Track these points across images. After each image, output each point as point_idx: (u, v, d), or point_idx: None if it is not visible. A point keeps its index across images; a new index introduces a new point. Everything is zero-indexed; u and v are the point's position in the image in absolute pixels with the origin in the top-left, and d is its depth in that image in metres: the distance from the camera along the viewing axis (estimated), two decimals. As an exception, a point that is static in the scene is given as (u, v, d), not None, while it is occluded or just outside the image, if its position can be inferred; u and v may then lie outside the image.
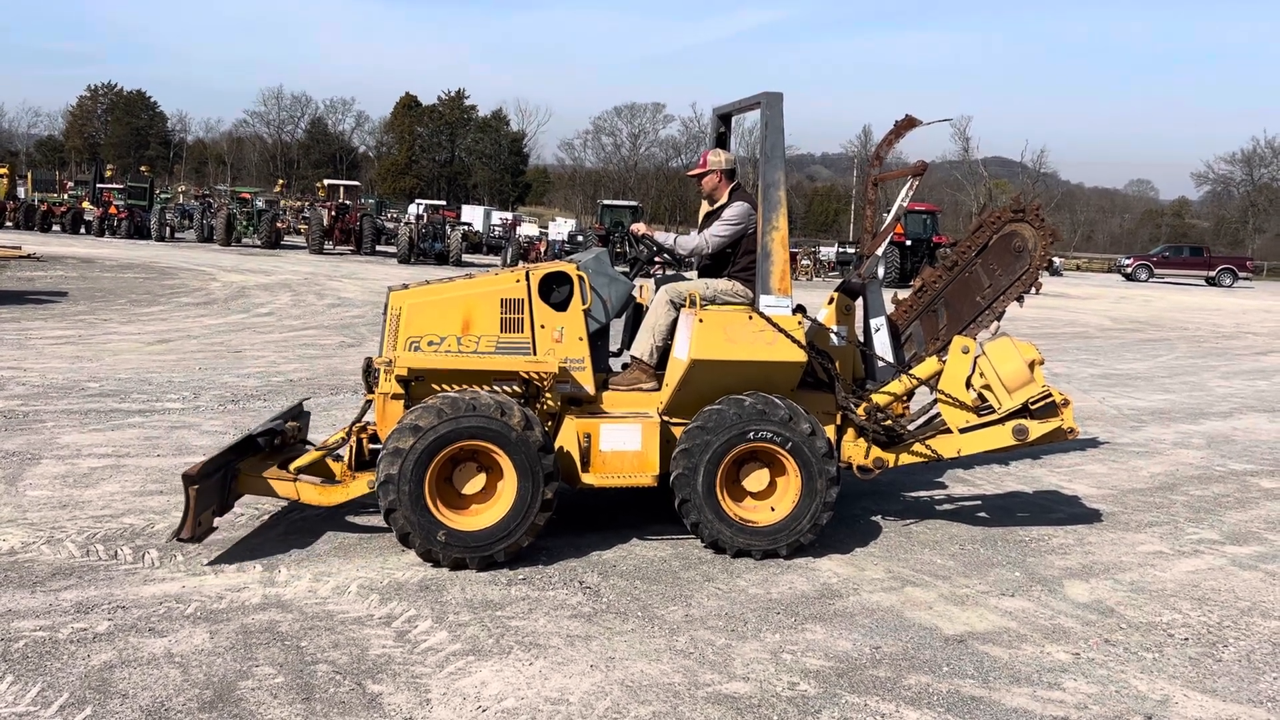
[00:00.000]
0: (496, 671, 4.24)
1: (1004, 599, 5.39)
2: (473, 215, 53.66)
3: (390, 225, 42.85)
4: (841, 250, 44.40)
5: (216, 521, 5.56)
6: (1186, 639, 4.96)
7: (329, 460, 5.92)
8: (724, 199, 6.30)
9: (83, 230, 39.79)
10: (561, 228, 51.94)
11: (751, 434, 5.66)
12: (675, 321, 6.01)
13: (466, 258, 36.00)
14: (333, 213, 37.19)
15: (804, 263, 40.51)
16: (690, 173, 6.65)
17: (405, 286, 5.96)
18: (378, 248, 37.90)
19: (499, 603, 4.98)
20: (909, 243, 37.44)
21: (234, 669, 4.14)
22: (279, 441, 6.04)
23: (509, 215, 56.27)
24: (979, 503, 7.34)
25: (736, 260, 6.18)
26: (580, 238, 41.66)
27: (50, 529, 5.69)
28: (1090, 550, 6.30)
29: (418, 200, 57.02)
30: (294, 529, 5.93)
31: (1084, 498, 7.56)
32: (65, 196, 45.35)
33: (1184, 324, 24.54)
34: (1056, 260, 52.21)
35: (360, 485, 5.67)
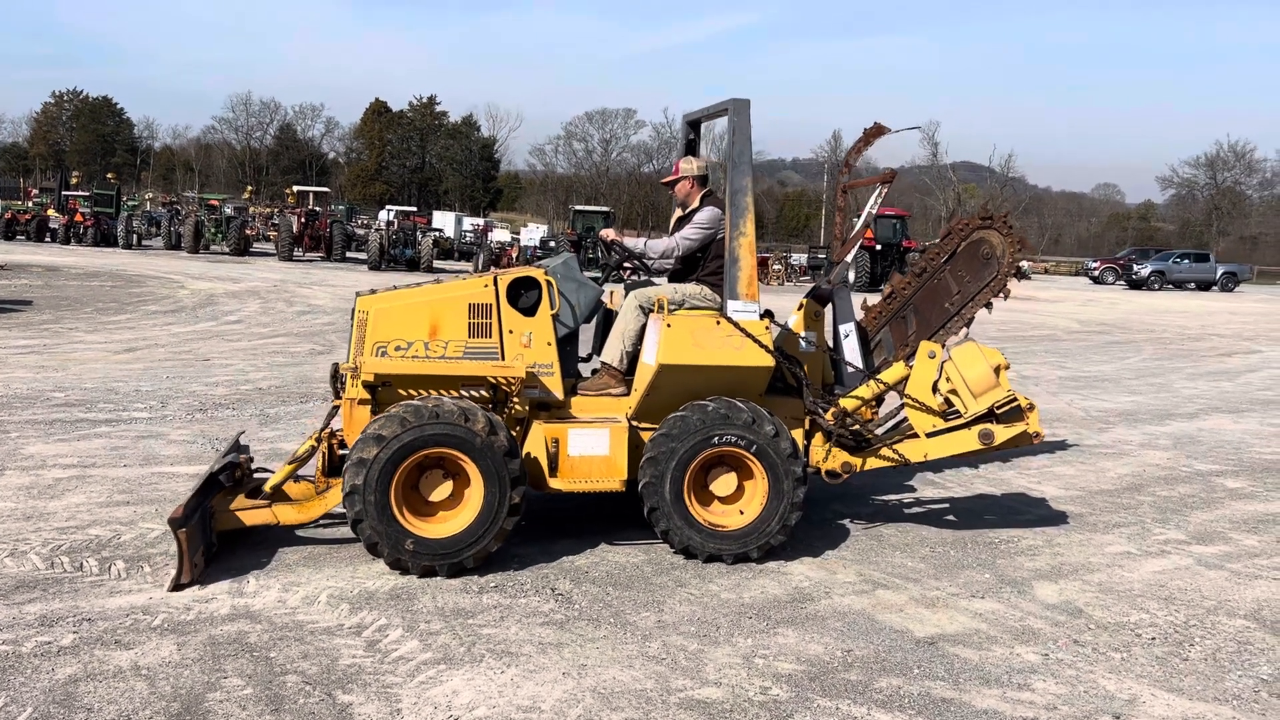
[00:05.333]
0: (468, 680, 4.23)
1: (974, 601, 5.42)
2: (444, 221, 53.41)
3: (360, 232, 42.62)
4: (813, 255, 44.62)
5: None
6: (1154, 638, 5.01)
7: (293, 482, 5.86)
8: (695, 204, 6.32)
9: (48, 238, 39.35)
10: (534, 233, 51.84)
11: (715, 439, 5.67)
12: (644, 326, 6.02)
13: (438, 264, 35.85)
14: (302, 219, 36.95)
15: (775, 268, 40.63)
16: (663, 180, 6.67)
17: (373, 292, 5.93)
18: (348, 254, 37.67)
19: (470, 611, 4.96)
20: (879, 247, 37.70)
21: (202, 681, 4.10)
22: (239, 475, 5.97)
23: (480, 221, 56.10)
24: (948, 505, 7.39)
25: (706, 265, 6.20)
26: (553, 243, 41.62)
27: (14, 541, 5.62)
28: (1059, 551, 6.35)
29: (388, 206, 56.63)
30: (263, 539, 5.87)
31: (1052, 499, 7.63)
32: (30, 204, 44.84)
33: (1150, 326, 24.82)
34: (1024, 264, 52.68)
35: (336, 494, 5.62)
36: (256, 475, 6.10)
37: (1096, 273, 53.28)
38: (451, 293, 5.80)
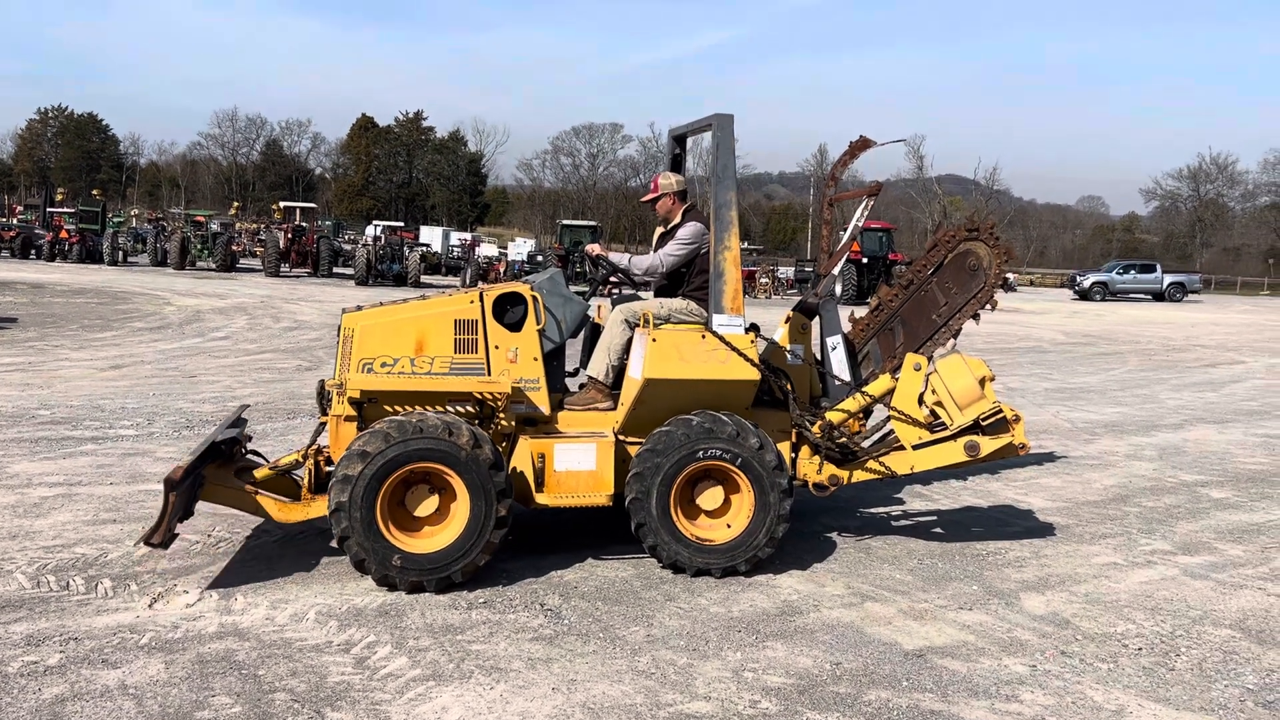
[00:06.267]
0: (457, 696, 4.22)
1: (962, 613, 5.44)
2: (431, 236, 53.51)
3: (347, 247, 42.62)
4: (799, 268, 44.81)
5: (176, 540, 5.53)
6: (1140, 649, 5.03)
7: (281, 478, 5.90)
8: (677, 219, 6.34)
9: (33, 255, 39.21)
10: (521, 248, 51.94)
11: (701, 453, 5.68)
12: (630, 340, 6.04)
13: (425, 279, 35.86)
14: (289, 235, 36.93)
15: (762, 281, 40.75)
16: (643, 200, 6.69)
17: (359, 308, 5.94)
18: (335, 270, 37.63)
19: (459, 626, 4.95)
20: (865, 260, 37.90)
21: (190, 699, 4.08)
22: (236, 451, 6.01)
23: (468, 236, 56.12)
24: (936, 518, 7.41)
25: (691, 280, 6.22)
26: (540, 258, 41.71)
27: (-1, 560, 5.59)
28: (1046, 563, 6.38)
29: (375, 222, 56.67)
30: (251, 556, 5.87)
31: (1039, 511, 7.66)
32: (15, 221, 44.68)
33: (1135, 337, 24.95)
34: (1011, 276, 52.98)
35: (320, 507, 5.64)
36: (249, 457, 6.13)
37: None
38: (437, 309, 5.81)
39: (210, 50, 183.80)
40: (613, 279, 6.59)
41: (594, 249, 6.55)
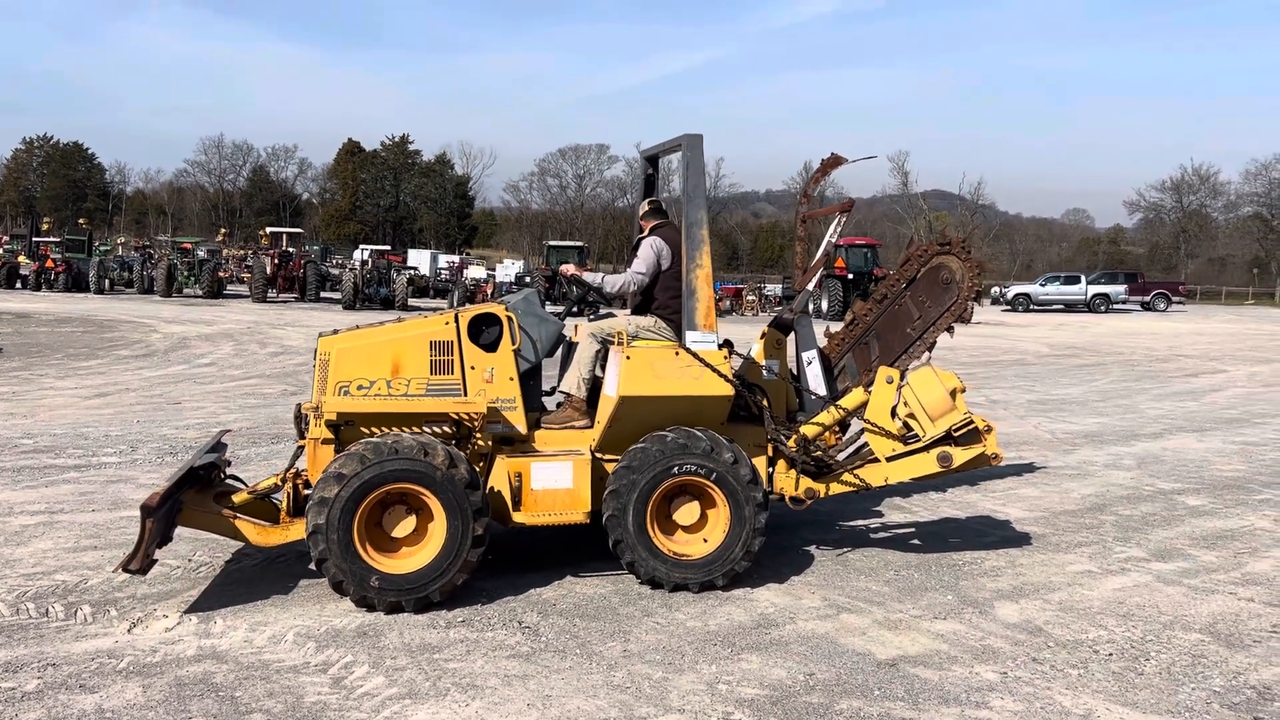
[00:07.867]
0: (433, 714, 4.25)
1: (936, 622, 5.49)
2: (419, 259, 53.62)
3: (335, 271, 42.66)
4: (786, 285, 45.00)
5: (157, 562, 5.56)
6: (1110, 654, 5.09)
7: (260, 501, 5.95)
8: (645, 235, 6.42)
9: (18, 285, 39.15)
10: (509, 269, 52.02)
11: (676, 469, 5.75)
12: (598, 353, 6.13)
13: (413, 302, 35.88)
14: (276, 260, 36.95)
15: (749, 298, 40.89)
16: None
17: (335, 332, 5.99)
18: (323, 294, 37.66)
19: (437, 645, 4.99)
20: (850, 276, 38.09)
21: (166, 722, 4.11)
22: (215, 476, 6.05)
23: (455, 258, 56.22)
24: (914, 529, 7.47)
25: (656, 296, 6.28)
26: (528, 279, 41.80)
27: (-21, 588, 5.61)
28: (1021, 572, 6.44)
29: (363, 246, 56.72)
30: (231, 579, 5.90)
31: (1016, 521, 7.73)
32: (0, 251, 44.63)
33: (1119, 349, 25.10)
34: (997, 289, 53.23)
35: (299, 529, 5.68)
36: (228, 482, 6.17)
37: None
38: (413, 331, 5.87)
39: (196, 78, 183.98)
40: (589, 298, 6.66)
41: (568, 269, 6.63)
